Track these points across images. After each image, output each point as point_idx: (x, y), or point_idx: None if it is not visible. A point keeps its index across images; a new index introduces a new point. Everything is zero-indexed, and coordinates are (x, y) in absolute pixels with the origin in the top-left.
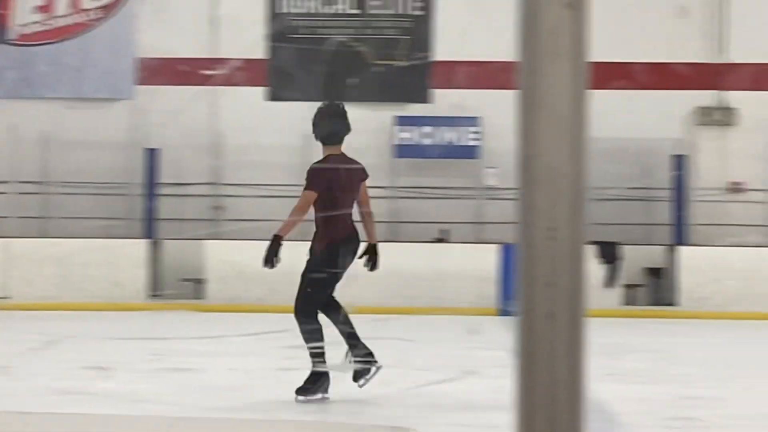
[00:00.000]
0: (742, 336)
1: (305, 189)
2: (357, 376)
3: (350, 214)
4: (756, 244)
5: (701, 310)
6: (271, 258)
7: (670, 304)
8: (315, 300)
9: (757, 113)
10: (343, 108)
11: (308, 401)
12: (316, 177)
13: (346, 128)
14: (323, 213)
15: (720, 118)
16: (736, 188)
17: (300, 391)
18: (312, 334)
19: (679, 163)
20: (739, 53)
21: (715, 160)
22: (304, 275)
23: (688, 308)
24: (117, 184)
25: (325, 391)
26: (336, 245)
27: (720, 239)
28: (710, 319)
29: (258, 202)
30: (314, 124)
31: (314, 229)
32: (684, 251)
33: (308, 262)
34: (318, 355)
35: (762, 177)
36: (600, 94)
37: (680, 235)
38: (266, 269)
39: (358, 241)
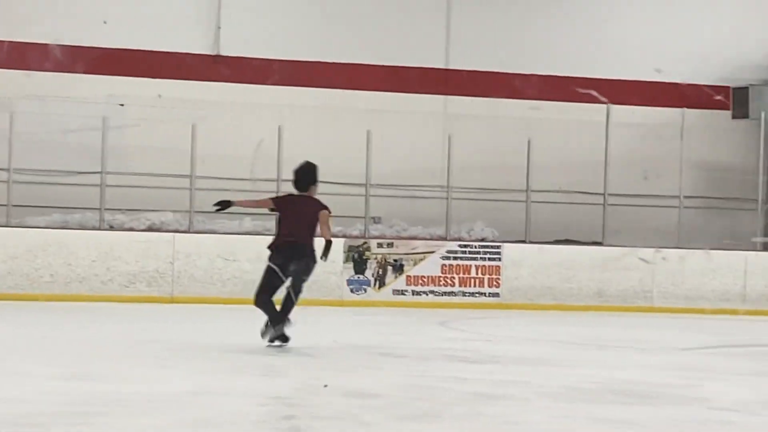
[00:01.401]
0: None
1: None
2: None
3: (293, 231)
4: None
5: None
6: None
7: None
8: (264, 287)
9: None
10: (308, 165)
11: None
12: (278, 198)
13: (309, 181)
14: (277, 227)
15: None
16: None
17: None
18: (267, 309)
19: None
20: None
21: None
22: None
23: None
24: None
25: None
26: (276, 249)
27: None
28: None
29: None
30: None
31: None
32: None
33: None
34: (277, 321)
35: None
36: None
37: None
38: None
39: (294, 250)
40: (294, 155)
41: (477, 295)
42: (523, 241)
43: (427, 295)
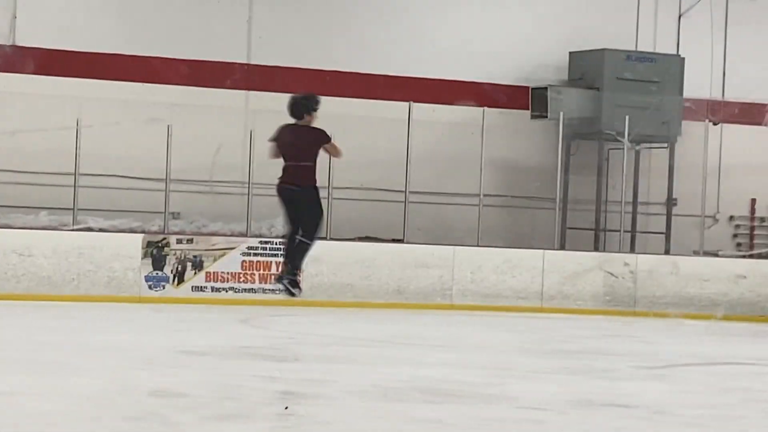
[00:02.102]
0: None
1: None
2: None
3: (295, 166)
4: None
5: None
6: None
7: None
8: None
9: None
10: (302, 96)
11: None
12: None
13: (303, 110)
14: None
15: None
16: None
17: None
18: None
19: None
20: None
21: None
22: None
23: None
24: None
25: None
26: (280, 186)
27: None
28: None
29: None
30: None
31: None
32: None
33: None
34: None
35: None
36: None
37: None
38: None
39: (297, 186)
40: (93, 149)
41: (278, 292)
42: (324, 238)
43: (227, 291)
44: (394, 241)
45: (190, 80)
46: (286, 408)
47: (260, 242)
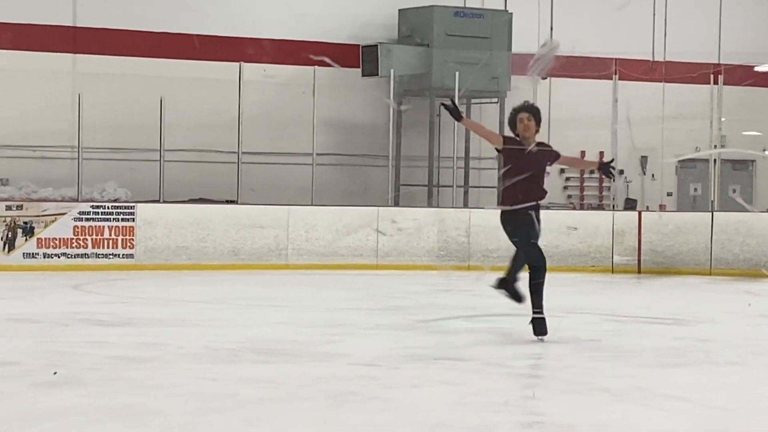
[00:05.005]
0: None
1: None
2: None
3: (526, 184)
4: None
5: None
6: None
7: None
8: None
9: None
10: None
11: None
12: (508, 137)
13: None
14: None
15: None
16: None
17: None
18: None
19: None
20: None
21: None
22: None
23: None
24: None
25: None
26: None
27: None
28: None
29: None
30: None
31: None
32: None
33: None
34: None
35: None
36: None
37: None
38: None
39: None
40: None
41: (111, 256)
42: (157, 201)
43: (59, 258)
44: (227, 202)
45: (14, 44)
46: (55, 373)
47: (92, 207)
